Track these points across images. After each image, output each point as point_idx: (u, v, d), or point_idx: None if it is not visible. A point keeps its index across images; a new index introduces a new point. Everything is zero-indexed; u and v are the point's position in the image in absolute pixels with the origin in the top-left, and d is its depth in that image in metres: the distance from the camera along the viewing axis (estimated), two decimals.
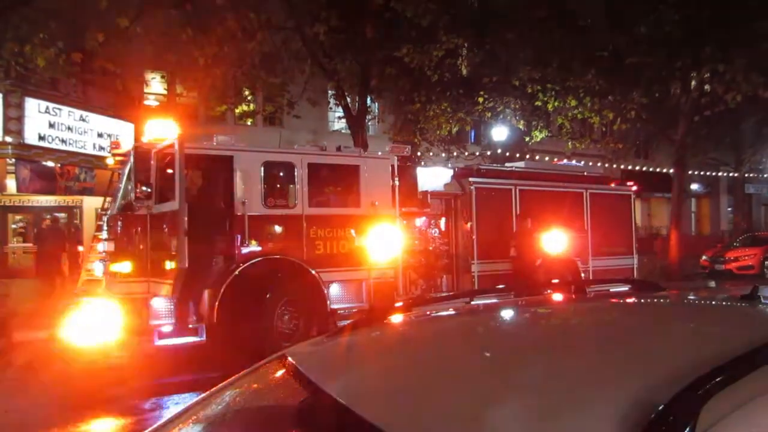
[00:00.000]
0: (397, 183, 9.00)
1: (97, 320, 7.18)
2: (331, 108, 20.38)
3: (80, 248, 14.15)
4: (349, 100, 15.86)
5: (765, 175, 29.58)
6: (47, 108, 15.60)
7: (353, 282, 8.60)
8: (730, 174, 29.71)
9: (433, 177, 10.37)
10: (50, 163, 16.49)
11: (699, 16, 14.32)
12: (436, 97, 16.46)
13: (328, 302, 8.26)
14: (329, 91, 16.90)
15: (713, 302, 2.16)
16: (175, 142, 7.19)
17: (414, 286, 9.75)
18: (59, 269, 15.90)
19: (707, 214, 34.63)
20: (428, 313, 2.01)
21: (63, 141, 15.99)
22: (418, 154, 18.52)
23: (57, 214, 17.09)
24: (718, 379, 0.99)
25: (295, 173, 8.25)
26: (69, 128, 16.13)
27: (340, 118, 20.73)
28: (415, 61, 13.55)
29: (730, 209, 33.66)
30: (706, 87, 16.66)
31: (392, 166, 9.02)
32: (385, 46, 13.78)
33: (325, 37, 13.17)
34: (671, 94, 18.74)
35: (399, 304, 1.91)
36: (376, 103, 20.74)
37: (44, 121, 15.57)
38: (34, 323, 10.43)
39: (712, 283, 17.34)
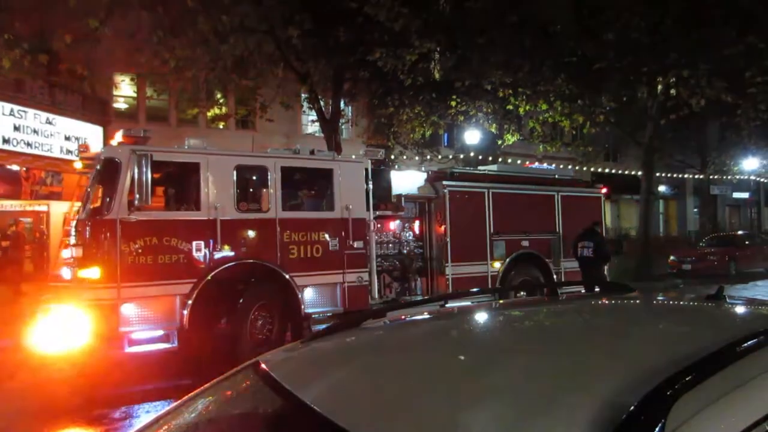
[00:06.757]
0: (370, 186, 9.00)
1: (64, 327, 7.01)
2: (304, 111, 20.29)
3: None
4: (322, 103, 15.80)
5: (729, 177, 30.35)
6: (12, 110, 15.20)
7: (328, 286, 8.54)
8: (696, 176, 30.44)
9: (407, 180, 10.39)
10: (15, 167, 16.06)
11: (664, 24, 14.68)
12: (409, 101, 16.50)
13: (303, 306, 8.21)
14: (302, 95, 16.81)
15: (681, 303, 2.20)
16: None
17: (389, 289, 9.75)
18: (22, 275, 15.50)
19: (675, 215, 35.43)
20: (403, 317, 2.01)
21: (29, 144, 15.59)
22: (392, 157, 18.57)
23: (21, 219, 16.69)
24: (687, 379, 1.01)
25: (268, 177, 8.18)
26: (35, 131, 15.74)
27: (313, 121, 20.64)
28: (387, 65, 13.57)
29: (696, 210, 34.49)
30: (672, 92, 17.07)
31: (366, 169, 9.01)
32: (358, 50, 13.77)
33: (299, 40, 13.08)
34: (638, 99, 19.13)
35: (374, 308, 1.90)
36: (350, 107, 20.71)
37: (9, 124, 15.16)
38: None
39: (680, 283, 17.72)
